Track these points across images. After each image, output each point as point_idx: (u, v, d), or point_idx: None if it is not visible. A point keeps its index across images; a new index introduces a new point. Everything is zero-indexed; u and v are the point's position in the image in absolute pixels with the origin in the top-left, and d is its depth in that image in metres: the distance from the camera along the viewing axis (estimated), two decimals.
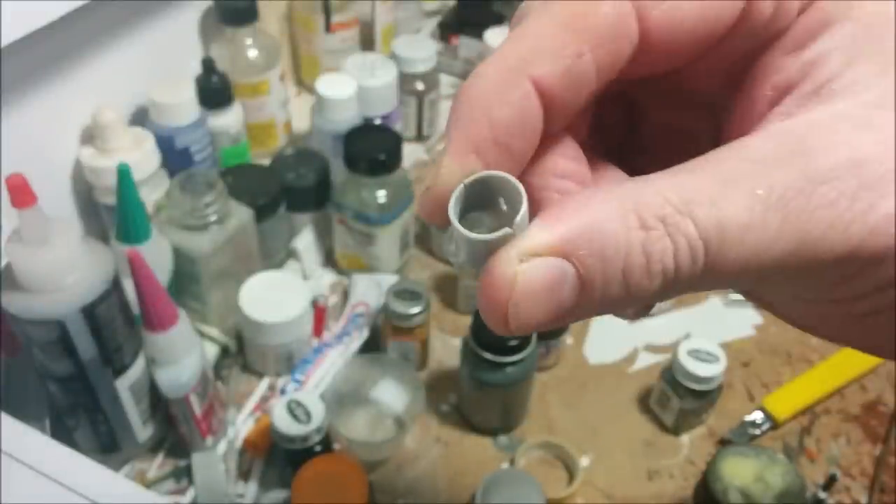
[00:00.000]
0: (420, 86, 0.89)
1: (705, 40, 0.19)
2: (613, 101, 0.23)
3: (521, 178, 0.18)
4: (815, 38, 0.18)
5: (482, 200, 0.19)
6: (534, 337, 0.61)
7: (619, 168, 0.22)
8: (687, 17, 0.18)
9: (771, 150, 0.17)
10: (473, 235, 0.17)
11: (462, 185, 0.18)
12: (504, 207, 0.18)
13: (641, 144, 0.24)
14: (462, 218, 0.18)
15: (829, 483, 0.61)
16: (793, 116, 0.18)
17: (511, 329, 0.17)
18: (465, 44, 0.99)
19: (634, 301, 0.17)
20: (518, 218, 0.17)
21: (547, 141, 0.19)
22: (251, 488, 0.61)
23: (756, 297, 0.23)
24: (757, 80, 0.19)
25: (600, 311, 0.18)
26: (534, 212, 0.18)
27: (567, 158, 0.20)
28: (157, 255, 0.60)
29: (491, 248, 0.17)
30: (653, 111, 0.24)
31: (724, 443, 0.65)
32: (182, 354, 0.56)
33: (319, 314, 0.72)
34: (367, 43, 0.97)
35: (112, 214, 0.66)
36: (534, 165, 0.20)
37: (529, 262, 0.17)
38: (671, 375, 0.64)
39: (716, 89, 0.21)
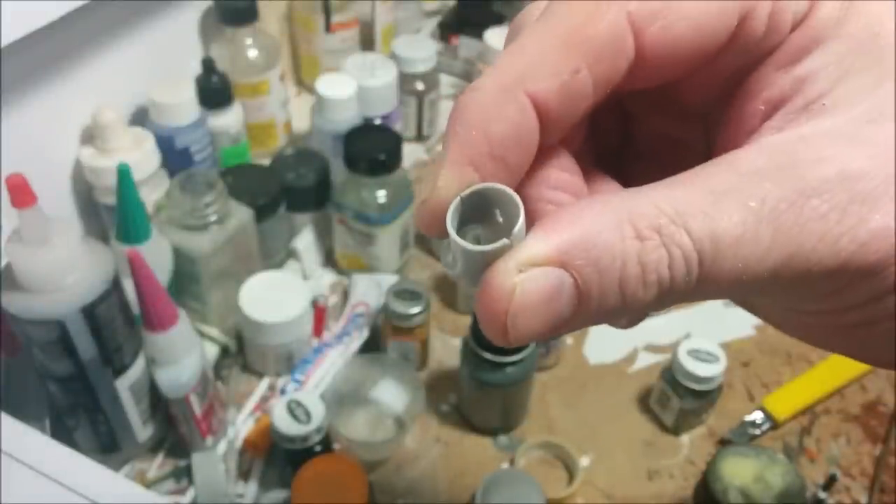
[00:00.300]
0: (420, 86, 0.89)
1: (700, 56, 0.19)
2: (608, 110, 0.23)
3: (516, 190, 0.19)
4: (806, 54, 0.18)
5: (479, 213, 0.19)
6: None
7: (612, 178, 0.22)
8: (682, 34, 0.18)
9: (762, 163, 0.17)
10: (471, 247, 0.17)
11: (459, 198, 0.18)
12: (500, 220, 0.19)
13: (635, 152, 0.25)
14: (458, 231, 0.18)
15: (829, 483, 0.61)
16: (784, 131, 0.18)
17: (510, 340, 0.17)
18: (465, 44, 0.99)
19: (630, 311, 0.17)
20: (515, 229, 0.17)
21: (542, 152, 0.20)
22: (251, 488, 0.61)
23: (748, 305, 0.23)
24: (749, 94, 0.20)
25: (596, 322, 0.18)
26: (529, 223, 0.18)
27: (561, 170, 0.20)
28: (157, 255, 0.60)
29: (488, 260, 0.17)
30: (647, 121, 0.24)
31: (724, 443, 0.65)
32: (182, 354, 0.56)
33: (319, 314, 0.72)
34: (367, 43, 0.97)
35: (112, 214, 0.66)
36: (529, 177, 0.20)
37: (527, 272, 0.17)
38: (671, 375, 0.64)
39: (709, 102, 0.21)
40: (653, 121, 0.24)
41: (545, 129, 0.19)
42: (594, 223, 0.17)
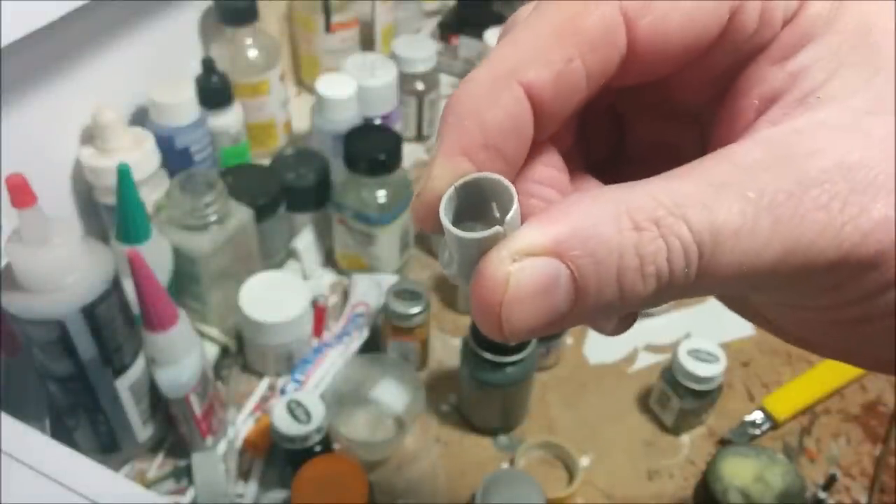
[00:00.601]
0: (420, 86, 0.89)
1: (691, 50, 0.19)
2: (600, 115, 0.23)
3: None
4: (798, 49, 0.18)
5: (475, 209, 0.18)
6: None
7: (600, 182, 0.22)
8: (673, 27, 0.18)
9: (760, 155, 0.17)
10: (464, 234, 0.17)
11: (453, 188, 0.18)
12: (497, 214, 0.18)
13: (628, 158, 0.25)
14: (454, 226, 0.18)
15: (829, 483, 0.61)
16: (779, 124, 0.18)
17: (504, 334, 0.17)
18: (465, 44, 0.99)
19: (628, 306, 0.17)
20: (508, 216, 0.17)
21: (530, 148, 0.19)
22: (251, 488, 0.61)
23: (743, 308, 0.23)
24: (742, 90, 0.19)
25: (593, 316, 0.17)
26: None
27: (548, 166, 0.20)
28: (157, 255, 0.60)
29: (482, 249, 0.17)
30: (640, 124, 0.24)
31: (724, 443, 0.65)
32: (182, 354, 0.56)
33: (319, 314, 0.72)
34: (367, 43, 0.97)
35: (112, 214, 0.66)
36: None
37: (522, 262, 0.16)
38: (671, 375, 0.64)
39: (702, 101, 0.21)
40: (646, 124, 0.24)
41: (538, 121, 0.19)
42: (590, 214, 0.16)
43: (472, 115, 0.18)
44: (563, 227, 0.16)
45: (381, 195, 0.69)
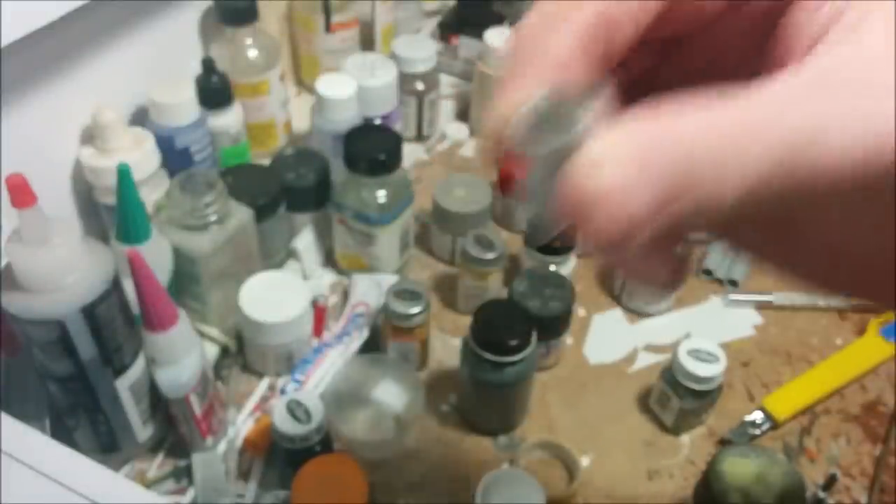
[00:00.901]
0: (420, 86, 0.89)
1: None
2: (642, 90, 0.24)
3: None
4: None
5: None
6: (534, 337, 0.61)
7: None
8: None
9: (816, 76, 0.17)
10: (547, 146, 0.18)
11: (535, 100, 0.18)
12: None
13: None
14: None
15: (829, 483, 0.61)
16: (826, 56, 0.18)
17: (597, 231, 0.17)
18: (465, 44, 0.99)
19: (707, 219, 0.17)
20: (588, 120, 0.17)
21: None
22: (251, 488, 0.61)
23: (777, 233, 0.23)
24: (785, 36, 0.20)
25: (673, 227, 0.18)
26: None
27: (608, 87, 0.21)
28: (157, 255, 0.60)
29: (563, 157, 0.17)
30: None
31: (724, 443, 0.66)
32: (182, 354, 0.56)
33: (319, 314, 0.72)
34: (367, 43, 0.97)
35: (112, 214, 0.66)
36: None
37: (603, 165, 0.17)
38: (671, 375, 0.64)
39: (741, 57, 0.22)
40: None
41: (608, 43, 0.20)
42: (669, 122, 0.17)
43: (544, 36, 0.19)
44: (642, 133, 0.17)
45: (381, 195, 0.69)
